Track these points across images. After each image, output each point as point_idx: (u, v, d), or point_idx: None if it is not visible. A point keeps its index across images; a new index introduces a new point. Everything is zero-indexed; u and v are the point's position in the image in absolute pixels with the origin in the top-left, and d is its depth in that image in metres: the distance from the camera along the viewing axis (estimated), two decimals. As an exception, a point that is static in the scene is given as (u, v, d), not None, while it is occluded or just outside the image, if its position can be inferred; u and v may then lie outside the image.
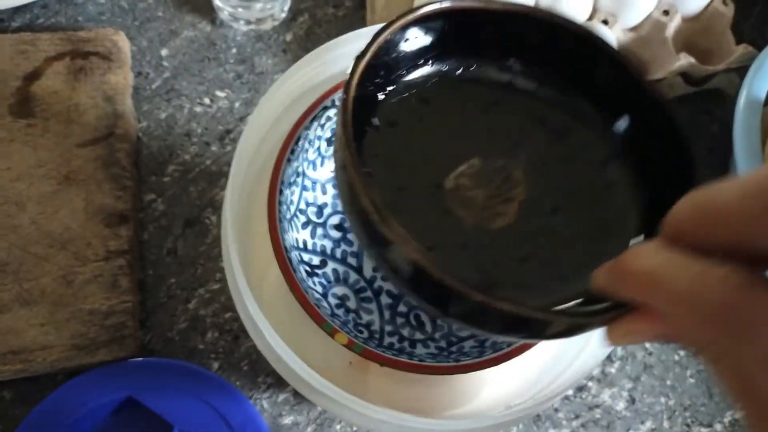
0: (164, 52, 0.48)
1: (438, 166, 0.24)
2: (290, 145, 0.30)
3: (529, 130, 0.26)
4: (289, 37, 0.50)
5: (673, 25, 0.48)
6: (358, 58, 0.23)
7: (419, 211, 0.24)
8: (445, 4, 0.24)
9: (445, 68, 0.26)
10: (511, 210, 0.24)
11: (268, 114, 0.31)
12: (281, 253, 0.29)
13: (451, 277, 0.19)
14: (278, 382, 0.42)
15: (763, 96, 0.45)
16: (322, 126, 0.32)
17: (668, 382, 0.45)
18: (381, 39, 0.23)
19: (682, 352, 0.46)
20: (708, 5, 0.49)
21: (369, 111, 0.25)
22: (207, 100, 0.47)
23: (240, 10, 0.47)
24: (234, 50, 0.49)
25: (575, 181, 0.25)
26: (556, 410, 0.44)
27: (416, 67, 0.26)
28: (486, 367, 0.27)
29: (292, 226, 0.30)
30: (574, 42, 0.26)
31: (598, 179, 0.25)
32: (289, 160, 0.30)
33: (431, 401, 0.30)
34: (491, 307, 0.19)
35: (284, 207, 0.30)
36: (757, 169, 0.17)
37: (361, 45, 0.24)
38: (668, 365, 0.46)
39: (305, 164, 0.32)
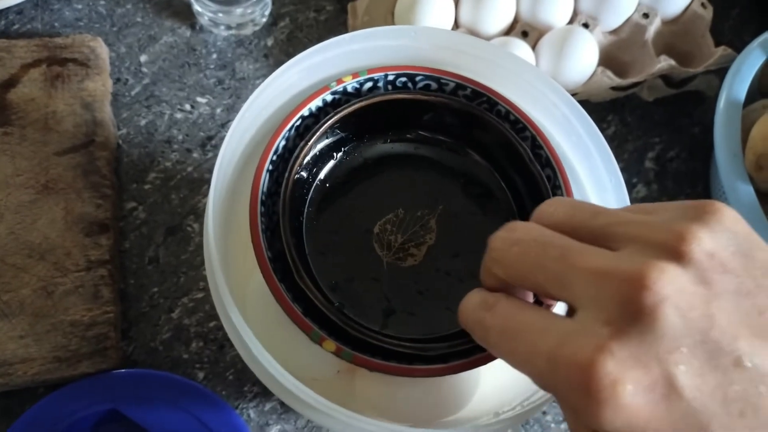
0: (143, 58, 0.48)
1: (371, 215, 0.31)
2: (269, 156, 0.30)
3: (446, 187, 0.33)
4: (270, 41, 0.49)
5: (653, 28, 0.49)
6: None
7: (348, 249, 0.31)
8: (359, 104, 0.31)
9: (366, 142, 0.33)
10: (421, 252, 0.31)
11: (249, 122, 0.31)
12: (265, 263, 0.29)
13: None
14: (264, 391, 0.42)
15: (742, 97, 0.45)
16: (300, 136, 0.31)
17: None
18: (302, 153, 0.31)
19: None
20: (687, 8, 0.49)
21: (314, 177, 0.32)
22: (188, 107, 0.47)
23: (220, 15, 0.47)
24: (215, 56, 0.48)
25: (477, 231, 0.31)
26: (545, 413, 0.44)
27: (345, 143, 0.33)
28: (476, 366, 0.27)
29: (275, 236, 0.30)
30: (459, 116, 0.33)
31: (494, 231, 0.31)
32: (269, 171, 0.30)
33: (422, 408, 0.30)
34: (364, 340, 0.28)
35: (266, 218, 0.30)
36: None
37: (343, 50, 0.28)
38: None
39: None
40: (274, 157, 0.30)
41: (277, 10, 0.50)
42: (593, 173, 0.32)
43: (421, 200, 0.32)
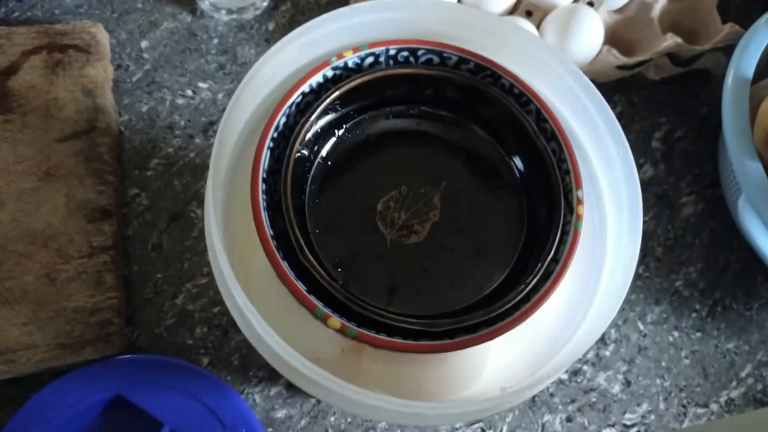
0: (144, 44, 0.47)
1: (373, 193, 0.31)
2: (270, 133, 0.30)
3: (449, 164, 0.32)
4: (271, 26, 0.49)
5: (659, 5, 0.48)
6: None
7: (352, 227, 0.30)
8: (362, 78, 0.31)
9: (365, 121, 0.33)
10: (424, 230, 0.31)
11: (248, 99, 0.31)
12: (267, 241, 0.28)
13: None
14: (270, 376, 0.42)
15: (750, 74, 0.45)
16: (301, 113, 0.31)
17: (663, 364, 0.45)
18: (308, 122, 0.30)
19: (676, 333, 0.46)
20: (693, -15, 0.49)
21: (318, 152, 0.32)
22: (189, 92, 0.46)
23: (221, -1, 0.46)
24: (216, 41, 0.48)
25: (480, 208, 0.31)
26: (552, 395, 0.43)
27: (346, 120, 0.33)
28: (482, 341, 0.27)
29: (277, 214, 0.30)
30: (462, 91, 0.32)
31: (498, 208, 0.32)
32: (270, 149, 0.30)
33: (428, 385, 0.29)
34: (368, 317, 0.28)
35: (268, 196, 0.30)
36: None
37: (343, 24, 0.30)
38: (663, 347, 0.46)
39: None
40: (275, 135, 0.29)
41: (278, -7, 0.49)
42: (600, 146, 0.32)
43: (424, 177, 0.32)
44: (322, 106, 0.30)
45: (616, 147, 0.31)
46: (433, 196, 0.31)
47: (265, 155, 0.29)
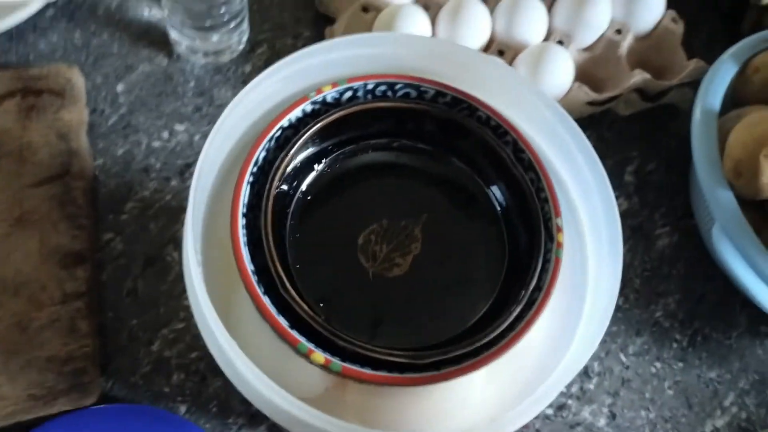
0: (120, 87, 0.47)
1: (354, 227, 0.31)
2: (249, 168, 0.30)
3: (429, 196, 0.33)
4: (248, 68, 0.49)
5: (626, 43, 0.49)
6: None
7: (333, 262, 0.30)
8: (344, 111, 0.31)
9: (344, 155, 0.33)
10: (406, 262, 0.31)
11: (227, 134, 0.31)
12: (247, 275, 0.28)
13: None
14: (250, 423, 0.40)
15: (717, 107, 0.46)
16: (281, 147, 0.31)
17: (647, 395, 0.45)
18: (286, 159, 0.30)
19: (658, 364, 0.46)
20: (659, 23, 0.50)
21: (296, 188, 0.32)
22: (165, 135, 0.46)
23: (197, 42, 0.46)
24: (192, 83, 0.48)
25: (461, 239, 0.32)
26: (538, 431, 0.43)
27: (326, 154, 0.33)
28: (469, 372, 0.27)
29: (257, 249, 0.30)
30: (440, 123, 0.32)
31: (478, 238, 0.32)
32: (250, 183, 0.30)
33: (415, 418, 0.29)
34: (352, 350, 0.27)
35: (248, 231, 0.29)
36: None
37: (322, 59, 0.31)
38: (646, 378, 0.46)
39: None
40: (255, 169, 0.29)
41: (255, 36, 0.50)
42: (577, 175, 0.32)
43: (404, 209, 0.32)
44: (302, 140, 0.30)
45: (593, 176, 0.31)
46: (413, 229, 0.31)
47: (245, 190, 0.29)
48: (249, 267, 0.28)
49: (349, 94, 0.32)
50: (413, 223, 0.31)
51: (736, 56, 0.47)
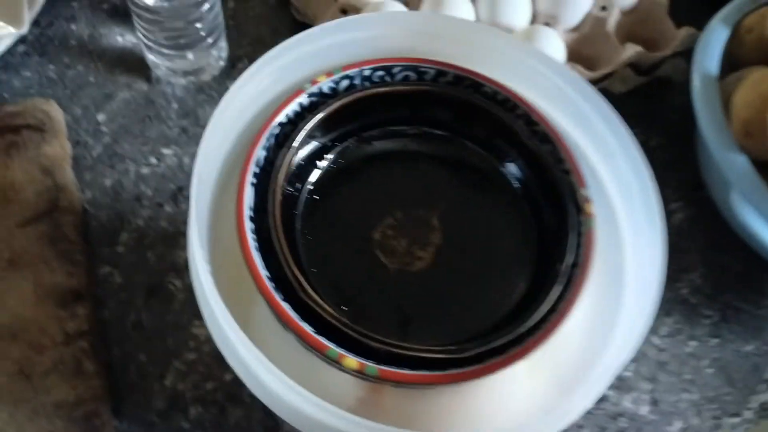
0: (101, 117, 0.45)
1: (367, 222, 0.29)
2: (250, 168, 0.28)
3: (443, 182, 0.31)
4: (230, 84, 0.47)
5: (613, 19, 0.48)
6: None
7: (350, 261, 0.28)
8: (338, 103, 0.30)
9: (348, 148, 0.31)
10: (428, 254, 0.28)
11: (222, 137, 0.29)
12: (263, 283, 0.26)
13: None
14: (277, 449, 0.38)
15: (715, 71, 0.45)
16: (280, 145, 0.29)
17: (686, 377, 0.43)
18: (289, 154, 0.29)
19: (693, 343, 0.44)
20: (643, -4, 0.50)
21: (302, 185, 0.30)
22: (153, 160, 0.44)
23: (176, 61, 0.45)
24: (175, 105, 0.46)
25: (484, 224, 0.30)
26: (581, 426, 0.41)
27: (327, 150, 0.31)
28: (513, 362, 0.25)
29: (270, 254, 0.28)
30: (445, 104, 0.31)
31: (502, 221, 0.30)
32: (253, 185, 0.28)
33: (459, 420, 0.27)
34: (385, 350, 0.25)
35: (257, 235, 0.27)
36: None
37: (313, 47, 0.29)
38: (682, 359, 0.44)
39: None
40: (257, 170, 0.27)
41: (234, 52, 0.48)
42: (597, 139, 0.30)
43: (418, 199, 0.30)
44: (303, 133, 0.28)
45: (616, 138, 0.29)
46: (430, 219, 0.29)
47: (248, 192, 0.27)
48: (263, 273, 0.26)
49: (345, 82, 0.30)
50: (429, 213, 0.29)
51: (726, 19, 0.46)
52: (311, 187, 0.30)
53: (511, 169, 0.31)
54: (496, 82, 0.30)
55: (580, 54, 0.49)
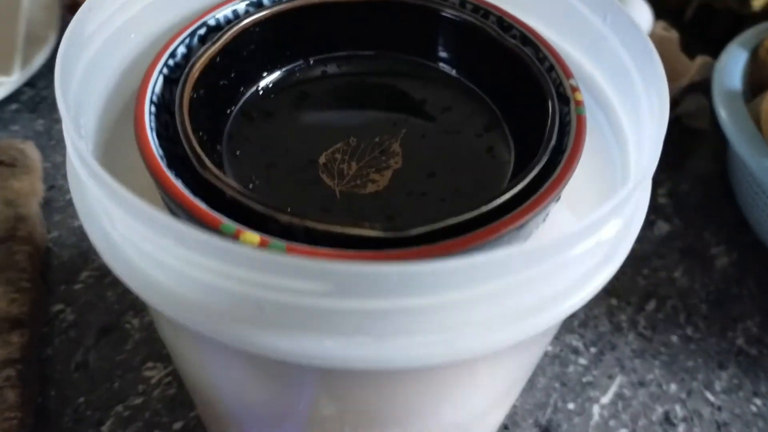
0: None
1: (313, 146, 0.24)
2: (163, 58, 0.23)
3: (407, 107, 0.26)
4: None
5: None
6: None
7: (287, 182, 0.23)
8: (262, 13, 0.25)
9: (304, 66, 0.27)
10: (384, 178, 0.24)
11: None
12: (149, 148, 0.20)
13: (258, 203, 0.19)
14: None
15: (739, 86, 0.41)
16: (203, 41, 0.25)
17: (755, 437, 0.34)
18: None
19: (758, 401, 0.35)
20: (651, 34, 0.47)
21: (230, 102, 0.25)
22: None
23: None
24: None
25: (455, 150, 0.25)
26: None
27: (275, 66, 0.27)
28: (475, 243, 0.18)
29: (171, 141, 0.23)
30: (398, 16, 0.27)
31: (477, 145, 0.25)
32: (163, 75, 0.23)
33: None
34: (302, 226, 0.19)
35: (157, 119, 0.22)
36: None
37: None
38: (747, 419, 0.35)
39: None
40: (171, 62, 0.23)
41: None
42: (602, 51, 0.25)
43: (377, 125, 0.25)
44: (233, 32, 0.24)
45: (630, 53, 0.24)
46: (391, 144, 0.24)
47: (156, 81, 0.22)
48: (153, 143, 0.20)
49: None
50: (390, 139, 0.25)
51: (744, 44, 0.43)
52: (245, 107, 0.25)
53: (485, 84, 0.26)
54: None
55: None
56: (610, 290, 0.40)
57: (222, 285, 0.16)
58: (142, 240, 0.17)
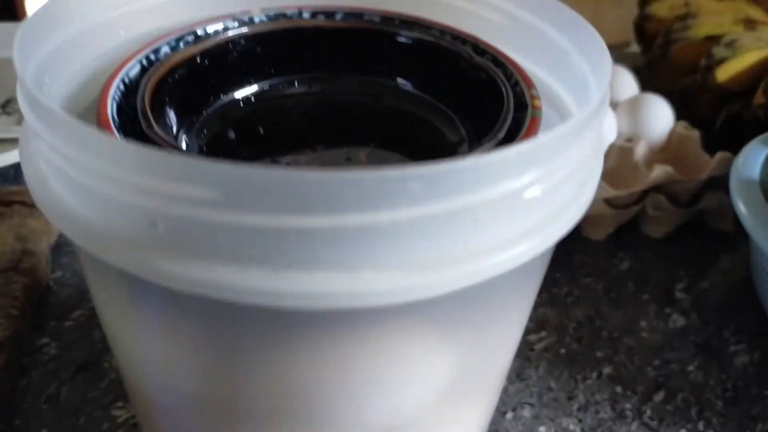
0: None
1: (280, 150, 0.25)
2: (143, 53, 0.24)
3: (374, 127, 0.27)
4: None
5: (640, 149, 0.45)
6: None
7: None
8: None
9: (282, 83, 0.28)
10: None
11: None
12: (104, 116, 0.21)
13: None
14: None
15: (756, 176, 0.39)
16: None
17: None
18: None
19: None
20: (671, 133, 0.47)
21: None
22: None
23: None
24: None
25: (422, 157, 0.25)
26: None
27: (254, 79, 0.27)
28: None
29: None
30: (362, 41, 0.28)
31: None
32: (140, 63, 0.24)
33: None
34: None
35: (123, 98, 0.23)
36: None
37: None
38: None
39: None
40: (152, 56, 0.24)
41: None
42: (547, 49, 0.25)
43: (345, 137, 0.26)
44: (219, 38, 0.25)
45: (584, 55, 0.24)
46: (358, 154, 0.24)
47: (132, 65, 0.23)
48: (110, 110, 0.21)
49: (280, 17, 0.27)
50: (358, 150, 0.25)
51: (764, 141, 0.42)
52: (218, 110, 0.26)
53: (449, 99, 0.27)
54: (441, 24, 0.27)
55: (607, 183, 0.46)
56: (614, 377, 0.37)
57: (115, 195, 0.16)
58: (50, 151, 0.17)
